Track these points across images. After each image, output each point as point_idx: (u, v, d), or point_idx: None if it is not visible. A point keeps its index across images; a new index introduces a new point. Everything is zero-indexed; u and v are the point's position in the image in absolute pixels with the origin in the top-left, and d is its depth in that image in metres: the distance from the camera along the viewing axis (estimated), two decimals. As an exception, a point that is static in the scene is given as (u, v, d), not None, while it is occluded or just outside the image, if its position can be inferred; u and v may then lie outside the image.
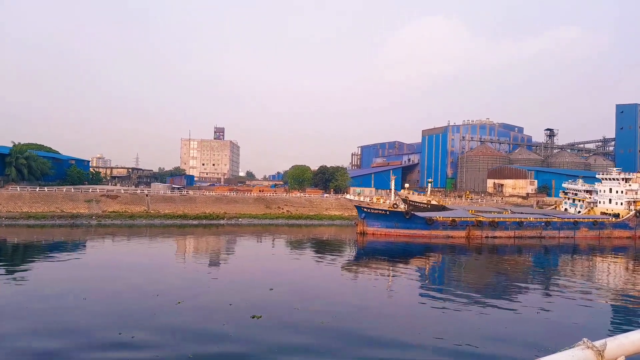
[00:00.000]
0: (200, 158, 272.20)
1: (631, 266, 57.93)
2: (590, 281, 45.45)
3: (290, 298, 30.85)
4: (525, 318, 29.12)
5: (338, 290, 35.44)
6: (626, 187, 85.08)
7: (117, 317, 25.26)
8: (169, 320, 24.95)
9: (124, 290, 32.07)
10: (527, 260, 59.87)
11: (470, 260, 59.40)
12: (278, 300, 29.93)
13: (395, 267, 50.70)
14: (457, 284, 42.88)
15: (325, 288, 36.24)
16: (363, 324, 26.05)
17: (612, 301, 36.57)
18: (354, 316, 27.67)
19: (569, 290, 38.51)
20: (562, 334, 25.60)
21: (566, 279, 46.15)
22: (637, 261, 62.83)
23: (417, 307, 32.16)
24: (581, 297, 36.27)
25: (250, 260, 51.35)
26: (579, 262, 59.65)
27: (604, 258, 63.41)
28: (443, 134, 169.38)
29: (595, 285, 43.03)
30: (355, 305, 30.48)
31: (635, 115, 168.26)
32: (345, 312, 28.31)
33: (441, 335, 24.58)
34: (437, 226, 72.96)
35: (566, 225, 78.73)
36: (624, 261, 61.69)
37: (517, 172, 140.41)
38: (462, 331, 25.73)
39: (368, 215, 73.31)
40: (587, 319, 30.17)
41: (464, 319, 28.72)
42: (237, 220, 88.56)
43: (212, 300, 29.61)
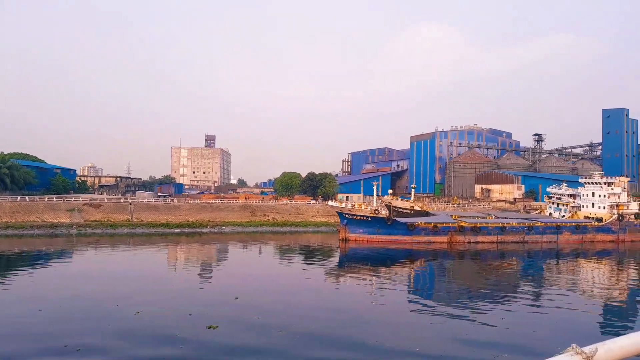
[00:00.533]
0: (190, 166, 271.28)
1: (616, 270, 57.77)
2: (576, 286, 45.40)
3: (255, 307, 30.41)
4: (513, 323, 29.15)
5: (310, 299, 35.03)
6: (608, 191, 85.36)
7: (68, 327, 24.77)
8: (121, 330, 24.48)
9: (85, 299, 31.53)
10: (510, 265, 59.60)
11: (453, 265, 59.16)
12: (241, 310, 29.51)
13: (375, 274, 50.31)
14: (440, 290, 42.79)
15: (298, 297, 35.76)
16: (330, 333, 25.66)
17: (600, 306, 36.54)
18: (320, 325, 27.24)
19: (555, 296, 38.51)
20: (550, 340, 25.63)
21: (552, 283, 46.20)
22: (622, 265, 62.75)
23: (394, 314, 31.68)
24: (568, 301, 36.26)
25: (223, 268, 50.91)
26: (563, 267, 59.57)
27: (588, 262, 63.41)
28: (431, 140, 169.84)
29: (581, 290, 43.05)
30: (325, 314, 30.15)
31: (621, 120, 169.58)
32: (310, 321, 27.95)
33: (426, 341, 24.50)
34: (418, 232, 72.79)
35: (549, 229, 78.78)
36: (608, 265, 61.63)
37: (504, 177, 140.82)
38: (446, 336, 25.73)
39: (350, 222, 73.04)
40: (576, 324, 30.17)
41: (450, 324, 28.62)
42: (220, 228, 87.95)
43: (173, 310, 29.11)
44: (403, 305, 34.48)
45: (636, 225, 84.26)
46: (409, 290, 41.80)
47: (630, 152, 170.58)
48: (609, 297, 39.29)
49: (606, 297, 39.21)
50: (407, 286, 43.25)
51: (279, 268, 52.04)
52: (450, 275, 52.77)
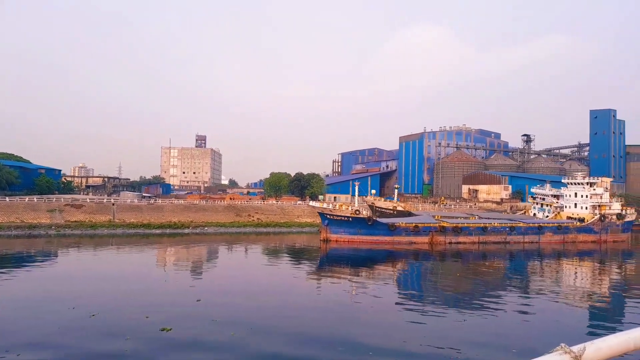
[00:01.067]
0: (180, 166, 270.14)
1: (599, 271, 57.82)
2: (561, 286, 45.54)
3: (217, 309, 29.96)
4: (500, 323, 29.38)
5: (279, 300, 34.55)
6: (591, 191, 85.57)
7: (18, 331, 24.18)
8: (73, 333, 23.97)
9: (43, 302, 30.94)
10: (493, 266, 59.45)
11: (434, 266, 58.87)
12: (200, 312, 29.03)
13: (355, 274, 49.97)
14: (421, 291, 42.53)
15: (267, 298, 35.23)
16: (289, 333, 25.28)
17: (585, 306, 36.64)
18: (280, 326, 26.89)
19: (541, 296, 38.67)
20: (538, 339, 25.72)
21: (536, 284, 46.26)
22: (604, 266, 62.80)
23: (373, 314, 31.24)
24: (554, 302, 36.40)
25: (195, 269, 50.27)
26: (546, 267, 59.45)
27: (571, 263, 63.39)
28: (419, 141, 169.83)
29: (566, 290, 43.11)
30: (291, 314, 29.83)
31: (608, 121, 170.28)
32: (272, 322, 27.53)
33: (412, 342, 24.48)
34: (399, 232, 72.55)
35: (531, 230, 78.82)
36: (590, 266, 61.69)
37: (492, 177, 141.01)
38: (433, 336, 25.82)
39: (331, 222, 72.68)
40: (563, 324, 30.17)
41: (435, 325, 28.66)
42: (202, 229, 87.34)
43: (130, 312, 28.60)
44: (381, 306, 34.10)
45: (618, 225, 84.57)
46: (389, 291, 41.36)
47: (617, 153, 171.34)
48: (594, 298, 39.43)
49: (591, 298, 39.32)
50: (387, 287, 42.85)
51: (255, 269, 51.55)
52: (432, 276, 52.52)
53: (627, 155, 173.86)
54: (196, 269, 50.34)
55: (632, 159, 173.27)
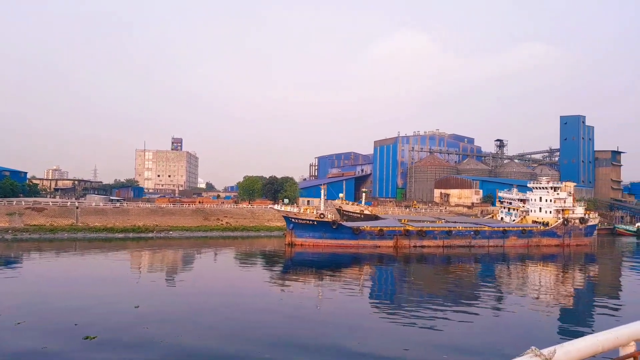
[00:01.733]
0: (155, 169, 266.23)
1: (563, 274, 58.53)
2: (527, 290, 46.11)
3: (154, 317, 29.09)
4: (470, 327, 29.30)
5: (231, 306, 33.72)
6: (554, 195, 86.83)
7: None
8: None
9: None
10: (458, 269, 59.54)
11: (399, 270, 58.74)
12: (133, 319, 28.07)
13: (319, 279, 49.75)
14: (385, 295, 42.12)
15: (214, 304, 34.40)
16: (213, 341, 24.57)
17: (553, 310, 36.89)
18: (218, 334, 26.18)
19: (509, 300, 39.16)
20: (508, 343, 25.92)
21: (503, 288, 46.65)
22: (567, 269, 63.55)
23: (335, 318, 30.74)
24: (522, 306, 36.66)
25: (146, 275, 48.84)
26: (512, 271, 59.86)
27: (534, 266, 64.13)
28: (393, 145, 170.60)
29: (533, 293, 43.70)
30: (234, 320, 29.14)
31: (578, 127, 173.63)
32: (210, 330, 26.79)
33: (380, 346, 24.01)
34: (364, 236, 72.37)
35: (495, 234, 79.51)
36: (554, 269, 62.48)
37: (463, 182, 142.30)
38: (400, 341, 25.75)
39: (296, 226, 72.11)
40: (532, 327, 30.40)
41: (402, 329, 28.60)
42: (167, 233, 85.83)
43: (59, 319, 27.58)
44: (343, 310, 33.68)
45: (581, 229, 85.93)
46: (353, 295, 40.73)
47: (586, 158, 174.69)
48: (561, 301, 39.89)
49: (558, 302, 39.75)
50: (351, 291, 42.32)
51: (211, 274, 50.64)
52: (397, 280, 52.31)
53: (595, 161, 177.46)
54: (147, 275, 49.01)
55: (600, 164, 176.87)
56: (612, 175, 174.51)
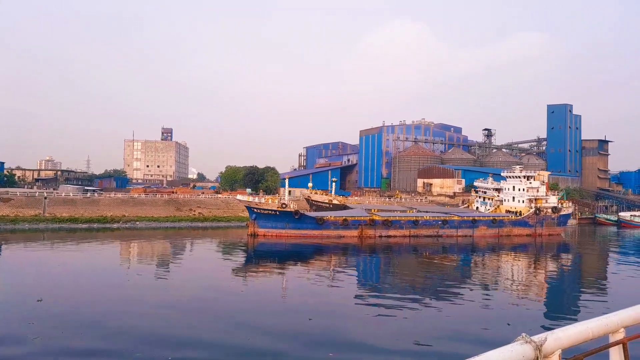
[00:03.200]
0: (144, 160, 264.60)
1: (534, 265, 57.58)
2: (499, 278, 46.15)
3: (54, 310, 27.89)
4: (454, 316, 29.64)
5: (171, 297, 32.72)
6: (527, 184, 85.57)
7: None
8: None
9: None
10: (425, 259, 58.56)
11: (362, 260, 57.69)
12: (29, 314, 26.86)
13: (281, 269, 48.66)
14: (339, 287, 40.49)
15: (144, 296, 33.32)
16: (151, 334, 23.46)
17: (529, 300, 36.63)
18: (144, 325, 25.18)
19: (482, 289, 39.41)
20: (494, 331, 26.01)
21: (477, 277, 46.62)
22: (537, 259, 62.40)
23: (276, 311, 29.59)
24: (495, 297, 36.46)
25: (84, 267, 46.89)
26: (479, 261, 59.16)
27: (504, 256, 63.15)
28: (378, 135, 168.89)
29: (504, 281, 43.85)
30: (166, 311, 28.09)
31: (564, 116, 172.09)
32: (137, 320, 25.73)
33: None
34: (328, 226, 71.20)
35: (464, 223, 78.34)
36: (524, 260, 61.35)
37: (445, 171, 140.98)
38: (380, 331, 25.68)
39: (259, 216, 70.88)
40: (512, 315, 30.54)
41: (378, 319, 28.47)
42: (133, 224, 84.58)
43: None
44: (288, 304, 32.66)
45: (553, 219, 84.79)
46: (303, 286, 39.60)
47: (573, 147, 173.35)
48: (531, 292, 39.45)
49: (529, 292, 39.29)
50: (303, 282, 41.30)
51: (164, 265, 49.36)
52: (362, 269, 51.23)
53: (582, 150, 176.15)
54: (85, 267, 47.35)
55: (587, 153, 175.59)
56: (599, 164, 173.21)
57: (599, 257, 67.02)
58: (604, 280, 47.85)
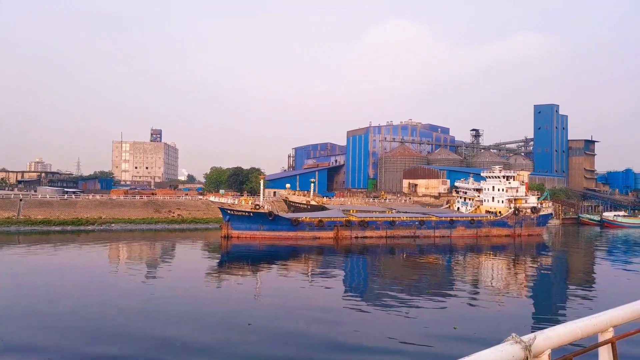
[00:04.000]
0: (132, 161, 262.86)
1: (513, 265, 57.16)
2: (478, 280, 45.64)
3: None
4: (441, 317, 29.68)
5: (137, 302, 31.87)
6: (507, 185, 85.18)
7: None
8: None
9: None
10: (402, 260, 57.95)
11: (337, 262, 56.82)
12: None
13: (255, 272, 47.83)
14: (312, 289, 39.63)
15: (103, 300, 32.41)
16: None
17: (510, 300, 36.51)
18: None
19: (466, 290, 39.26)
20: (483, 331, 26.07)
21: (457, 278, 45.89)
22: (516, 260, 61.77)
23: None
24: (481, 297, 36.33)
25: (37, 272, 45.89)
26: (457, 262, 58.47)
27: (481, 257, 62.62)
28: (365, 135, 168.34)
29: (485, 284, 43.28)
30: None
31: (551, 116, 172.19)
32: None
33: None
34: (303, 227, 70.40)
35: (442, 224, 77.77)
36: (505, 260, 61.08)
37: (430, 172, 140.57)
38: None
39: (232, 218, 69.93)
40: (494, 318, 30.31)
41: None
42: (108, 226, 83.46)
43: None
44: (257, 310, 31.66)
45: (533, 219, 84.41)
46: (277, 289, 38.84)
47: (559, 148, 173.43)
48: (510, 292, 39.10)
49: (507, 293, 38.81)
50: (276, 285, 40.53)
51: (128, 269, 48.33)
52: (334, 271, 50.24)
53: (569, 150, 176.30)
54: (43, 270, 46.48)
55: (574, 153, 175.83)
56: (585, 164, 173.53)
57: (578, 257, 66.75)
58: (583, 280, 47.30)
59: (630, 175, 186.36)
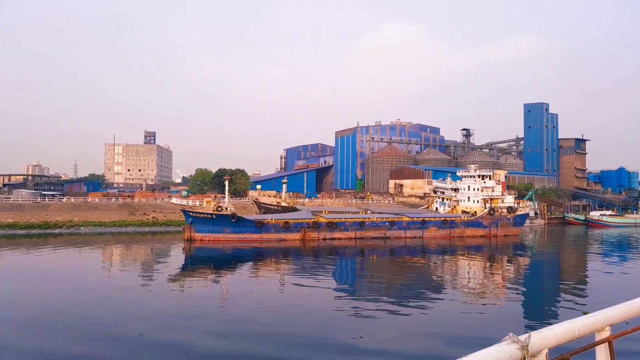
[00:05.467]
0: (125, 163, 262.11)
1: (491, 265, 56.08)
2: (455, 282, 44.32)
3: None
4: (436, 317, 29.52)
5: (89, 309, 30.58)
6: (482, 184, 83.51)
7: None
8: None
9: None
10: (372, 261, 56.44)
11: (298, 264, 55.31)
12: None
13: (215, 276, 46.34)
14: (276, 294, 38.23)
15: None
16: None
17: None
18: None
19: (449, 291, 38.60)
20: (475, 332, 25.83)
21: (438, 279, 45.26)
22: (491, 261, 60.24)
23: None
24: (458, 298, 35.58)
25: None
26: (419, 263, 56.70)
27: (451, 258, 60.78)
28: (353, 136, 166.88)
29: (461, 286, 41.93)
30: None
31: (541, 114, 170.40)
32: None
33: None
34: (268, 229, 68.91)
35: (413, 224, 76.18)
36: (481, 261, 59.53)
37: (415, 172, 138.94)
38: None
39: (195, 220, 68.45)
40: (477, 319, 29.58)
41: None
42: (77, 229, 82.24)
43: None
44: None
45: (509, 219, 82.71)
46: (234, 296, 37.03)
47: (550, 147, 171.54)
48: (477, 294, 37.64)
49: (484, 296, 37.44)
50: (237, 289, 38.99)
51: (80, 275, 46.77)
52: (297, 274, 48.70)
53: (560, 149, 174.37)
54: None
55: (564, 152, 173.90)
56: (576, 163, 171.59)
57: (551, 258, 65.14)
58: (554, 283, 45.72)
59: (624, 174, 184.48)
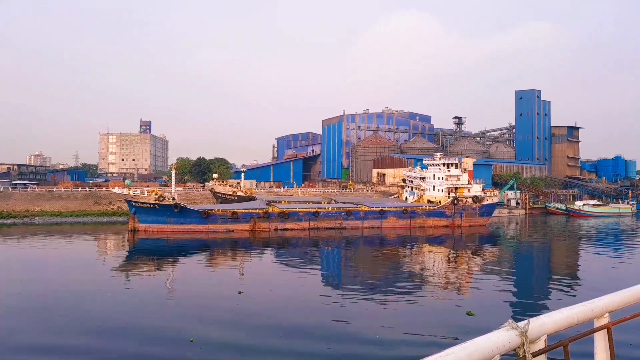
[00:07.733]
0: (119, 153, 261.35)
1: (456, 256, 54.17)
2: (421, 273, 42.51)
3: None
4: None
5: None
6: (446, 173, 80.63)
7: None
8: None
9: None
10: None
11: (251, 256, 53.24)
12: None
13: (158, 270, 44.55)
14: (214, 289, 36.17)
15: None
16: None
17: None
18: None
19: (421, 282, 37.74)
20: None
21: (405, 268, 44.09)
22: (457, 252, 57.85)
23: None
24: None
25: None
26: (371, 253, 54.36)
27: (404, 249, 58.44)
28: (339, 124, 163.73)
29: (424, 277, 40.38)
30: None
31: (532, 102, 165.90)
32: None
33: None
34: (214, 220, 66.83)
35: (371, 214, 73.69)
36: (445, 252, 57.40)
37: (398, 160, 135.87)
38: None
39: (139, 210, 66.60)
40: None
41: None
42: (31, 219, 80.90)
43: None
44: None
45: (475, 209, 79.86)
46: (169, 289, 35.27)
47: (541, 134, 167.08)
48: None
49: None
50: (173, 284, 37.08)
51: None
52: (244, 267, 46.57)
53: (552, 137, 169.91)
54: None
55: (557, 140, 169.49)
56: (568, 151, 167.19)
57: (510, 249, 62.41)
58: (506, 276, 43.23)
59: (620, 163, 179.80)
